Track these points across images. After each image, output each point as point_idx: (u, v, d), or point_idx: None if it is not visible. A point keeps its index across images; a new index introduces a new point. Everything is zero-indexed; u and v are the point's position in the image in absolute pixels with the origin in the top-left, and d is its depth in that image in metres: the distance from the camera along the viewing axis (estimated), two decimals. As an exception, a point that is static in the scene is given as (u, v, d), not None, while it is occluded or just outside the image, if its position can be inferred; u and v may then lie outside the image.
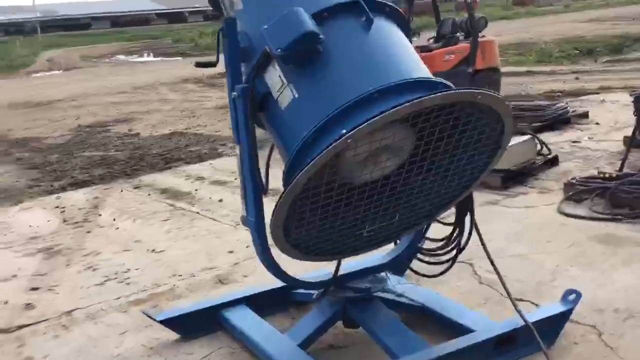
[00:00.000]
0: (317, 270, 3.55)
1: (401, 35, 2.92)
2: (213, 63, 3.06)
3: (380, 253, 3.47)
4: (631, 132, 6.12)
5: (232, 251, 4.83)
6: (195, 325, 3.57)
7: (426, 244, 3.60)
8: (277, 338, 3.25)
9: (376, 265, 3.40)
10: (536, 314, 3.25)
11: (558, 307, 3.28)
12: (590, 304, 3.53)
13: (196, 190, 6.77)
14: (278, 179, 2.76)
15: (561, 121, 8.02)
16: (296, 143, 2.59)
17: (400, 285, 3.60)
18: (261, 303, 3.64)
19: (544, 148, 6.37)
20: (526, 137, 6.04)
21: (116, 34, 57.86)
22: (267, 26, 2.67)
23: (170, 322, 3.55)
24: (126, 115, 12.98)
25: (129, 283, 4.46)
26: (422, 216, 3.07)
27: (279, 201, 2.51)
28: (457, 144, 2.73)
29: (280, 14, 2.62)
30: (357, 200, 2.73)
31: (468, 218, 3.26)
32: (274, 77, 2.77)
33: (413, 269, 3.73)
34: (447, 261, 3.49)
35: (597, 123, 8.07)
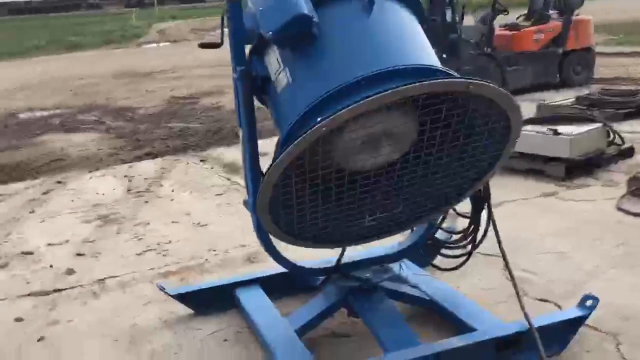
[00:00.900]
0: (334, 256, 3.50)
1: (408, 18, 2.78)
2: (217, 44, 3.06)
3: (394, 242, 3.39)
4: None
5: (268, 230, 4.85)
6: (208, 302, 3.62)
7: (446, 237, 3.48)
8: (277, 322, 3.23)
9: (381, 255, 3.31)
10: (547, 318, 3.07)
11: (572, 312, 3.07)
12: (617, 311, 3.29)
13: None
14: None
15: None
16: (286, 128, 2.56)
17: (415, 276, 3.50)
18: (275, 285, 3.64)
19: (617, 138, 5.94)
20: (595, 126, 5.65)
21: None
22: (262, 7, 2.62)
23: (182, 297, 3.62)
24: (219, 88, 13.25)
25: (166, 255, 4.59)
26: (429, 208, 2.95)
27: (261, 185, 2.50)
28: (459, 134, 2.59)
29: None
30: (349, 188, 2.65)
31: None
32: (273, 60, 2.73)
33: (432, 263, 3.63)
34: (464, 255, 3.38)
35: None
